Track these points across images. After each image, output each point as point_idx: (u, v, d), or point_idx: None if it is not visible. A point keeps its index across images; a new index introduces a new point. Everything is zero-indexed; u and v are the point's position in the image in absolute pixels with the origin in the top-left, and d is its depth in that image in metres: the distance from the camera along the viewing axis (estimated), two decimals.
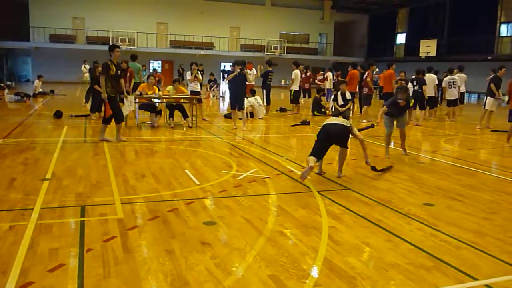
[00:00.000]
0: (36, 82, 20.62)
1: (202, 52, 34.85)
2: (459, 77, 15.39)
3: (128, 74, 13.41)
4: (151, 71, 26.78)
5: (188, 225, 4.28)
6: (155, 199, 5.10)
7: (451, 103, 14.83)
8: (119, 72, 8.91)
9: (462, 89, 15.96)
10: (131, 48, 31.67)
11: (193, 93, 12.50)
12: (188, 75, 13.36)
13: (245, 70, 11.55)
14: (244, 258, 3.58)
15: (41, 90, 20.52)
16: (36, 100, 18.50)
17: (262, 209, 4.88)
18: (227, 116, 13.28)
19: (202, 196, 5.28)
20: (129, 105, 10.75)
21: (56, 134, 9.69)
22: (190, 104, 11.76)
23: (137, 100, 11.02)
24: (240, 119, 11.48)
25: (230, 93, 11.49)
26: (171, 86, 11.79)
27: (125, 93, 9.90)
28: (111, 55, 8.58)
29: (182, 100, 11.65)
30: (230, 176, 6.32)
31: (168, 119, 11.53)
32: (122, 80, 9.27)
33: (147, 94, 11.05)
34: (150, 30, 35.28)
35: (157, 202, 5.01)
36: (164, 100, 11.42)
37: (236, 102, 11.13)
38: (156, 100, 11.35)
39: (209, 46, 36.51)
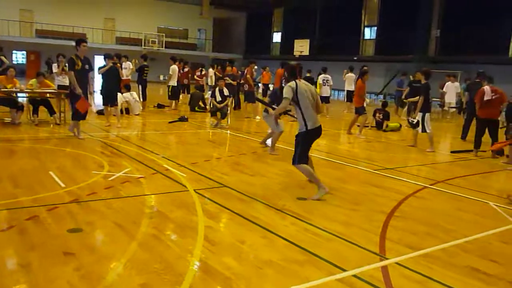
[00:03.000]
0: None
1: (73, 43, 32.53)
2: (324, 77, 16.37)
3: None
4: (14, 62, 24.29)
5: (50, 234, 3.86)
6: (12, 206, 4.53)
7: (324, 99, 15.70)
8: (86, 66, 8.51)
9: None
10: None
11: (61, 87, 11.52)
12: (55, 68, 12.32)
13: (118, 64, 10.96)
14: (113, 267, 3.32)
15: None
16: None
17: (135, 212, 4.60)
18: (100, 113, 12.52)
19: (68, 200, 4.82)
20: None
21: None
22: (58, 99, 10.83)
23: None
24: (114, 115, 10.88)
25: (102, 88, 10.81)
26: (34, 80, 10.73)
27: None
28: (78, 49, 8.32)
29: (48, 95, 10.69)
30: (101, 177, 5.89)
31: (31, 115, 10.49)
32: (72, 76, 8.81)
33: (6, 88, 9.93)
34: (12, 17, 31.92)
35: (14, 209, 4.45)
36: (27, 95, 10.36)
37: (109, 98, 10.50)
38: (19, 95, 10.26)
39: (82, 37, 34.20)
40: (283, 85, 12.33)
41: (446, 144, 11.52)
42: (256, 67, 15.39)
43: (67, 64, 8.75)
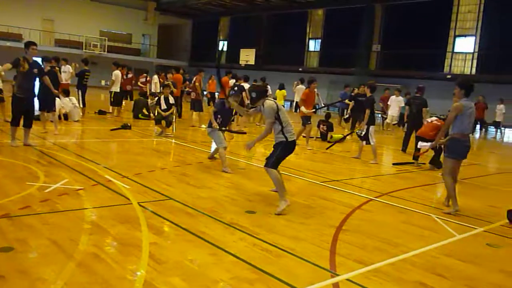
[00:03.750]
0: None
1: (8, 44, 30.81)
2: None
3: None
4: None
5: None
6: None
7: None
8: (35, 70, 7.97)
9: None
10: None
11: None
12: None
13: (56, 68, 10.40)
14: None
15: None
16: None
17: (73, 228, 4.28)
18: (36, 119, 11.79)
19: None
20: None
21: None
22: None
23: None
24: (51, 121, 10.30)
25: (38, 92, 10.18)
26: None
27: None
28: (26, 52, 7.82)
29: None
30: (36, 189, 5.48)
31: None
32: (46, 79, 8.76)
33: None
34: None
35: None
36: None
37: (46, 103, 9.91)
38: None
39: (17, 37, 32.43)
40: (232, 93, 12.34)
41: (388, 156, 11.84)
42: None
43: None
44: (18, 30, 32.36)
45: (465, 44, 24.51)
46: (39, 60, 8.72)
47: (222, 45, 38.43)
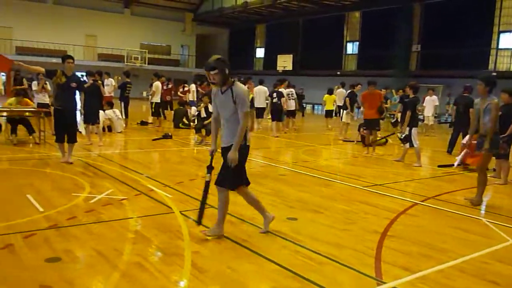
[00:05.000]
0: None
1: (54, 60, 32.06)
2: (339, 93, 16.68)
3: None
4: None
5: (25, 265, 3.60)
6: None
7: (291, 113, 15.63)
8: (73, 84, 8.01)
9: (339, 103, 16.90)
10: None
11: (41, 105, 11.23)
12: (34, 86, 12.02)
13: (99, 81, 10.73)
14: None
15: None
16: None
17: (117, 237, 4.36)
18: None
19: (46, 226, 4.56)
20: None
21: None
22: (37, 118, 10.51)
23: None
24: (96, 133, 10.61)
25: (83, 106, 10.53)
26: (13, 98, 10.44)
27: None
28: (64, 66, 7.94)
29: (26, 114, 10.38)
30: (82, 200, 5.64)
31: (10, 134, 10.16)
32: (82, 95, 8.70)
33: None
34: None
35: None
36: (5, 114, 10.05)
37: (90, 116, 10.22)
38: None
39: (62, 54, 33.72)
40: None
41: (432, 159, 11.48)
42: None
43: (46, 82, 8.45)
44: (64, 47, 33.66)
45: (511, 40, 23.55)
46: (79, 74, 8.92)
47: None
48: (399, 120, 14.88)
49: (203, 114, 11.54)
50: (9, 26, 32.81)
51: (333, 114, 17.73)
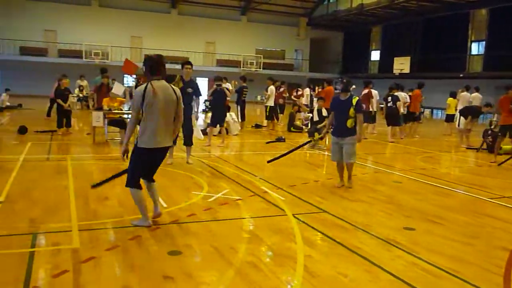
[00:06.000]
0: (3, 95, 19.96)
1: (177, 67, 34.38)
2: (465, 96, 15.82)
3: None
4: (126, 85, 26.14)
5: (151, 256, 3.90)
6: (117, 225, 4.70)
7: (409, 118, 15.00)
8: (189, 90, 8.31)
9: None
10: (104, 62, 31.01)
11: None
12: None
13: (222, 86, 11.29)
14: None
15: (8, 104, 19.89)
16: (2, 114, 17.78)
17: (232, 236, 4.54)
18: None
19: (169, 221, 4.90)
20: (97, 121, 10.36)
21: (18, 151, 9.12)
22: None
23: (105, 116, 10.59)
24: (217, 134, 11.20)
25: (211, 109, 11.19)
26: (107, 99, 11.29)
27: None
28: (183, 72, 8.41)
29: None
30: (200, 198, 5.96)
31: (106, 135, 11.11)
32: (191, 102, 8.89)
33: (114, 108, 10.66)
34: (124, 43, 34.73)
35: (119, 228, 4.62)
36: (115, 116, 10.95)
37: (218, 119, 10.82)
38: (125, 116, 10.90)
39: (184, 60, 36.06)
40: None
41: None
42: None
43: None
44: (186, 54, 35.95)
45: None
46: (202, 79, 9.44)
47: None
48: None
49: (316, 118, 11.53)
50: (140, 35, 35.98)
51: (454, 119, 16.62)
